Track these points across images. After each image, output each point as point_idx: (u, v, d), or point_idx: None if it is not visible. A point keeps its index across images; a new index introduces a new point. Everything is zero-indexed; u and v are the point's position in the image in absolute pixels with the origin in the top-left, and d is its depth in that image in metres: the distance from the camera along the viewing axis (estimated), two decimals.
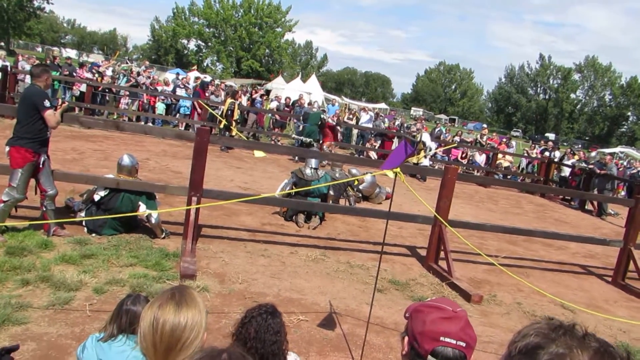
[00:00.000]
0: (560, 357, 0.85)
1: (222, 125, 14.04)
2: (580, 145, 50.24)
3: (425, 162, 14.21)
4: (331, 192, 8.14)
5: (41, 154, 5.33)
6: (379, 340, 4.39)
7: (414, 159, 14.52)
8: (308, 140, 13.86)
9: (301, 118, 15.24)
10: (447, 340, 1.33)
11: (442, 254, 6.62)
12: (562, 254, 8.80)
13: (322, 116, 14.47)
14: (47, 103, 5.19)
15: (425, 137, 14.99)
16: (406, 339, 1.42)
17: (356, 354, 4.03)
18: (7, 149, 5.20)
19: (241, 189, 9.05)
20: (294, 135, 14.45)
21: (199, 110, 16.37)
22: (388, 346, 4.31)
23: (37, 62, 16.81)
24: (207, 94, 16.76)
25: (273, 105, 20.14)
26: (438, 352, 1.33)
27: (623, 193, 16.63)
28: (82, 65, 19.17)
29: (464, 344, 1.34)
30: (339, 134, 18.78)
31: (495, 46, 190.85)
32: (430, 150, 14.57)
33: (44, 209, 5.43)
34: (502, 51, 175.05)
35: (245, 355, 0.98)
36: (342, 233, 7.70)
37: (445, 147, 17.42)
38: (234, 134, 13.93)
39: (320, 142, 14.37)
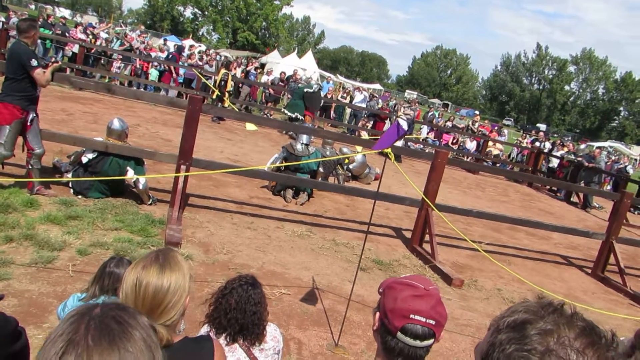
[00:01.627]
0: (548, 333, 0.87)
1: (214, 96, 13.91)
2: (570, 138, 50.33)
3: (399, 143, 14.33)
4: (321, 169, 8.14)
5: (29, 111, 5.25)
6: (359, 318, 4.44)
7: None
8: (294, 115, 13.73)
9: (291, 93, 15.01)
10: (417, 317, 1.34)
11: (427, 237, 6.68)
12: (545, 244, 8.91)
13: (305, 90, 14.22)
14: (34, 62, 5.08)
15: (401, 122, 14.96)
16: (377, 314, 1.43)
17: (335, 329, 4.08)
18: None
19: (231, 160, 9.02)
20: (284, 110, 14.32)
21: (174, 75, 16.23)
22: (367, 324, 4.36)
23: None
24: (201, 63, 16.56)
25: (265, 79, 19.94)
26: (407, 329, 1.35)
27: (609, 187, 16.80)
28: (77, 25, 18.80)
29: (433, 322, 1.36)
30: (331, 112, 18.73)
31: (493, 33, 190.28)
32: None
33: (30, 167, 5.38)
34: (500, 39, 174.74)
35: (122, 306, 0.94)
36: (329, 211, 7.73)
37: (416, 137, 17.44)
38: (226, 105, 13.82)
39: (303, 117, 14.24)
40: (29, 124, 5.27)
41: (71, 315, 0.89)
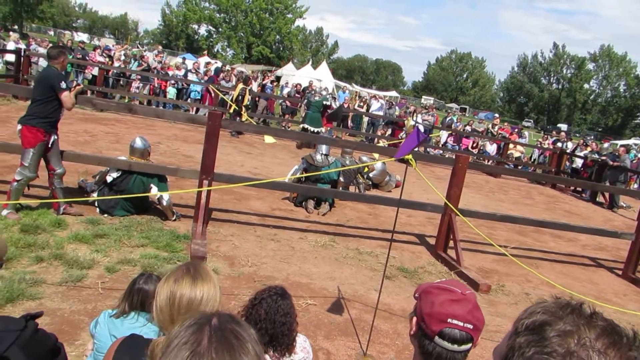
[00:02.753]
0: (568, 334, 0.85)
1: (231, 110, 14.05)
2: (592, 137, 49.55)
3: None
4: (341, 179, 8.15)
5: (52, 134, 5.40)
6: (387, 326, 4.41)
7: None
8: (317, 130, 13.71)
9: (304, 105, 14.93)
10: (455, 322, 1.34)
11: (451, 243, 6.62)
12: (572, 246, 8.76)
13: (324, 102, 14.26)
14: (63, 85, 5.26)
15: (420, 127, 14.93)
16: (414, 319, 1.43)
17: (363, 339, 4.06)
18: (20, 127, 5.27)
19: (251, 174, 9.08)
20: (301, 125, 14.33)
21: (212, 94, 16.37)
22: (395, 332, 4.34)
23: (50, 44, 16.89)
24: (218, 79, 16.76)
25: (285, 90, 20.05)
26: (445, 334, 1.35)
27: (635, 186, 16.47)
28: (95, 48, 19.21)
29: (471, 326, 1.36)
30: (348, 122, 18.76)
31: (507, 34, 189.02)
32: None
33: (53, 187, 5.52)
34: (515, 40, 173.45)
35: (234, 318, 1.00)
36: (352, 220, 7.72)
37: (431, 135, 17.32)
38: (244, 119, 13.94)
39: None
40: (50, 145, 5.41)
41: (190, 324, 0.96)
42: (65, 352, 1.53)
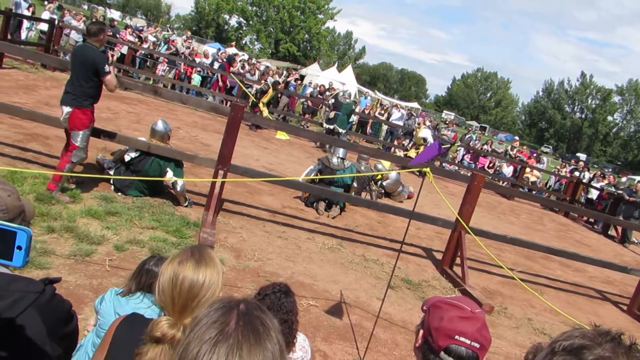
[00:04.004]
0: None
1: (250, 104, 14.14)
2: (611, 169, 48.94)
3: (412, 153, 14.47)
4: (355, 184, 8.14)
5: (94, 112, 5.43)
6: (386, 336, 4.41)
7: (411, 153, 14.63)
8: (339, 130, 13.87)
9: (330, 106, 15.05)
10: (462, 339, 1.34)
11: (457, 260, 6.59)
12: (579, 276, 8.67)
13: (353, 107, 14.48)
14: (107, 68, 5.13)
15: (426, 132, 14.91)
16: (421, 332, 1.43)
17: (361, 345, 4.06)
18: (69, 109, 5.16)
19: (266, 169, 9.11)
20: (325, 125, 14.42)
21: (220, 83, 16.55)
22: (394, 342, 4.33)
23: (84, 19, 17.09)
24: (242, 72, 16.83)
25: (309, 90, 20.08)
26: (451, 350, 1.35)
27: None
28: (126, 27, 19.40)
29: (478, 345, 1.35)
30: (367, 128, 18.75)
31: (536, 58, 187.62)
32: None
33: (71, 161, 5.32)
34: (543, 64, 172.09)
35: (260, 306, 1.03)
36: (361, 226, 7.71)
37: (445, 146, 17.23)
38: (264, 115, 13.99)
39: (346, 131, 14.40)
40: None
41: (218, 306, 1.00)
42: (77, 320, 1.56)
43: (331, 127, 13.92)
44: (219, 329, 0.94)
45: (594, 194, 15.92)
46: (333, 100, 14.75)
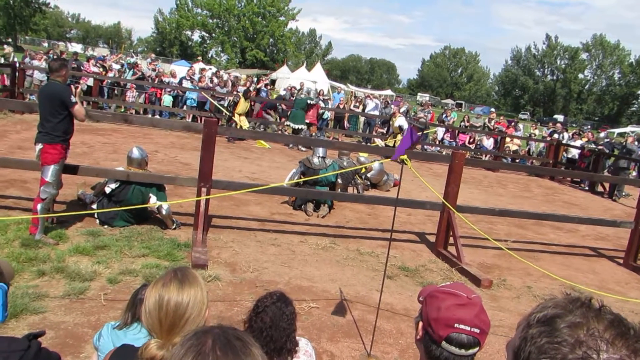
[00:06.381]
0: (577, 325, 0.90)
1: (226, 117, 14.11)
2: (589, 126, 49.63)
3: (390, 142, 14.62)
4: (339, 181, 8.16)
5: (68, 148, 5.40)
6: (390, 326, 4.43)
7: (389, 142, 14.72)
8: (298, 127, 13.97)
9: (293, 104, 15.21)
10: (462, 327, 1.35)
11: (451, 240, 6.64)
12: (572, 237, 8.78)
13: (308, 101, 14.49)
14: (73, 99, 5.14)
15: (401, 120, 15.00)
16: (420, 324, 1.44)
17: (367, 339, 4.08)
18: (40, 146, 5.15)
19: (249, 179, 9.10)
20: (292, 126, 14.51)
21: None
22: (398, 332, 4.36)
23: (45, 57, 16.88)
24: (212, 85, 16.75)
25: (283, 93, 20.10)
26: (453, 339, 1.36)
27: (634, 173, 16.45)
28: (89, 59, 19.22)
29: (478, 330, 1.37)
30: (344, 122, 18.78)
31: (500, 28, 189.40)
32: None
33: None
34: (508, 33, 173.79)
35: (234, 327, 1.05)
36: (351, 221, 7.74)
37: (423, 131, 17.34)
38: (245, 126, 13.94)
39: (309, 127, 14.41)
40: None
41: (192, 335, 1.01)
42: None
43: (296, 127, 14.03)
44: (196, 350, 0.96)
45: (574, 153, 16.08)
46: (293, 99, 14.91)
